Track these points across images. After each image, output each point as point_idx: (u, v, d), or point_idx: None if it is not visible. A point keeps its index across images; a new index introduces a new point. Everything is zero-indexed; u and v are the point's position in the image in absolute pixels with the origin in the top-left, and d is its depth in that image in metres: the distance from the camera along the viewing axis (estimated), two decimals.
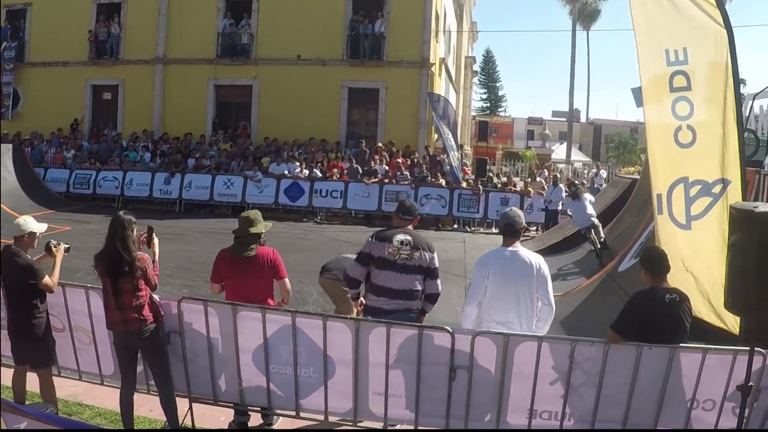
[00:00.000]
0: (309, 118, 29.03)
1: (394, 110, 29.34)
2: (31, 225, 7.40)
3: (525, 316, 6.72)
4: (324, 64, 29.69)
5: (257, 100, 30.85)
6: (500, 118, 72.54)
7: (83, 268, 13.41)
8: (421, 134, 29.28)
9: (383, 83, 29.47)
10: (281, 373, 7.01)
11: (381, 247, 7.18)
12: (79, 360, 7.94)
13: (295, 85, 29.38)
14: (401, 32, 29.16)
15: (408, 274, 7.16)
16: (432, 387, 6.52)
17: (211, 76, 31.02)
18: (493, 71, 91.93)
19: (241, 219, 7.50)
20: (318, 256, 16.78)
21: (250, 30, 30.70)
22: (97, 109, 33.24)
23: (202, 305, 7.08)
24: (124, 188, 27.40)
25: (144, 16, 31.60)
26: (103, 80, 32.80)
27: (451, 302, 13.26)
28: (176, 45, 31.26)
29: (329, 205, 25.90)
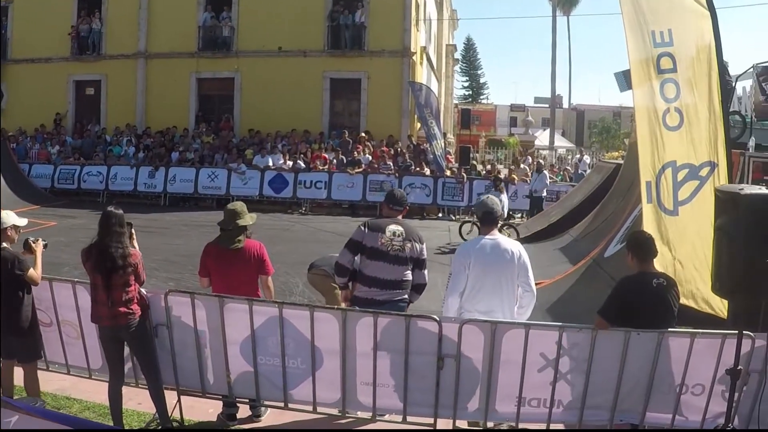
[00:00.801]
0: (291, 110, 28.99)
1: (376, 100, 29.32)
2: (12, 218, 7.31)
3: (507, 304, 6.71)
4: (305, 55, 29.65)
5: (239, 93, 30.79)
6: (482, 106, 72.68)
7: (70, 263, 13.58)
8: (404, 123, 29.24)
9: (365, 73, 29.44)
10: (269, 365, 6.96)
11: (374, 237, 7.13)
12: (67, 354, 7.90)
13: (277, 76, 29.37)
14: (382, 22, 29.11)
15: (400, 265, 7.13)
16: (420, 376, 6.50)
17: (193, 70, 30.94)
18: (474, 59, 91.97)
19: (227, 211, 7.43)
20: (303, 247, 16.79)
21: (231, 23, 30.57)
22: (81, 104, 33.16)
23: (189, 298, 7.03)
24: (109, 183, 27.34)
25: (125, 11, 31.45)
26: (86, 75, 32.63)
27: (437, 291, 12.92)
28: (158, 39, 31.13)
29: (314, 196, 25.83)
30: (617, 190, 15.99)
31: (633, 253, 6.25)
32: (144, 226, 6.29)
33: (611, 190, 16.73)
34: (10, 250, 7.25)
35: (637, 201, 11.71)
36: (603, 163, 23.62)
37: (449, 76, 53.51)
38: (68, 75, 32.69)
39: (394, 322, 6.49)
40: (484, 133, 53.85)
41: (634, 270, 6.25)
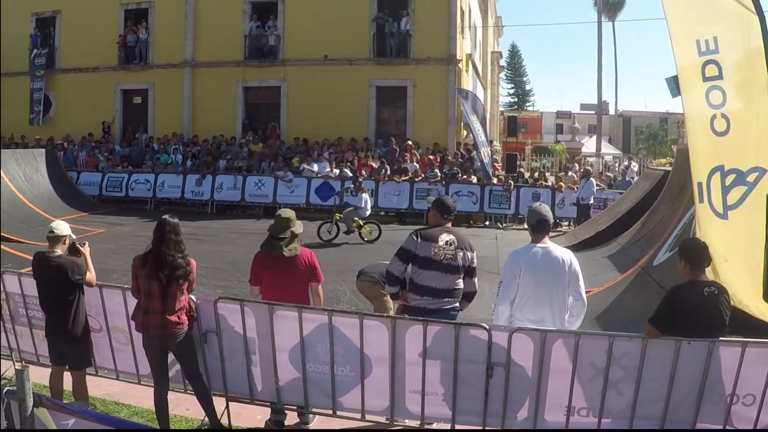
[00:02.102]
0: (338, 118, 29.12)
1: (422, 107, 29.25)
2: (64, 228, 7.50)
3: (558, 313, 6.68)
4: (351, 63, 29.76)
5: (286, 101, 30.95)
6: (528, 113, 72.60)
7: (118, 269, 14.20)
8: (450, 131, 29.17)
9: (411, 81, 29.41)
10: (318, 372, 6.99)
11: (426, 246, 7.12)
12: (116, 360, 8.04)
13: (323, 85, 29.55)
14: (427, 29, 29.10)
15: (452, 274, 7.14)
16: (469, 385, 6.47)
17: (239, 78, 31.22)
18: (519, 66, 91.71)
19: (281, 219, 7.45)
20: (351, 255, 16.87)
21: (277, 31, 30.82)
22: (128, 113, 33.64)
23: (239, 305, 7.08)
24: (156, 190, 27.74)
25: (171, 21, 31.92)
26: (133, 84, 33.17)
27: (485, 299, 12.87)
28: (204, 48, 31.59)
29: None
30: (666, 198, 15.85)
31: (686, 260, 6.18)
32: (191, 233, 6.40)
33: (659, 198, 16.57)
34: (66, 257, 7.39)
35: (686, 208, 11.68)
36: (651, 170, 23.42)
37: (495, 84, 53.19)
38: (116, 84, 33.21)
39: (443, 330, 6.47)
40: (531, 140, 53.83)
41: (685, 278, 6.16)
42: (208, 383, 7.39)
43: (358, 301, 11.44)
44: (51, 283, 7.34)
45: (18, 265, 13.39)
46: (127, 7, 33.15)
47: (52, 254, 7.36)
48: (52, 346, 7.50)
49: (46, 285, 7.40)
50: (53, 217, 20.85)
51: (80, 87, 33.12)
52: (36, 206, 23.50)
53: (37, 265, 7.43)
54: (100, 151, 30.57)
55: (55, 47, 34.32)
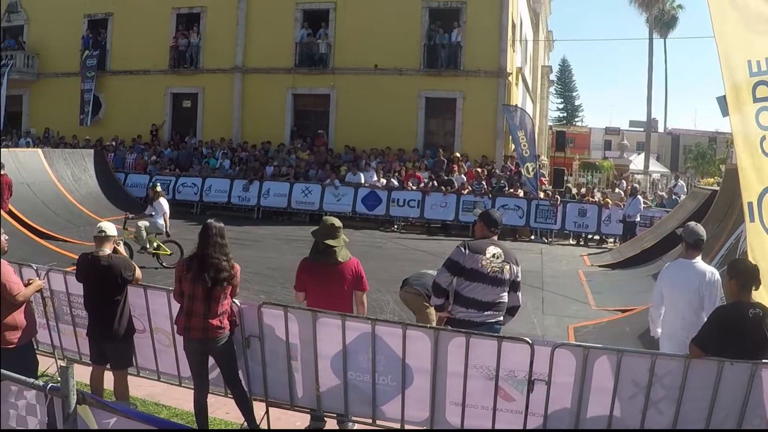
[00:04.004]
0: (386, 127, 29.59)
1: (471, 120, 29.61)
2: (113, 229, 7.79)
3: (696, 328, 6.49)
4: (401, 73, 30.18)
5: (335, 109, 31.55)
6: (577, 128, 72.39)
7: (163, 272, 15.08)
8: (498, 144, 29.48)
9: (460, 93, 29.72)
10: (359, 380, 7.12)
11: (474, 258, 7.20)
12: (158, 361, 8.32)
13: (373, 94, 30.04)
14: (478, 42, 29.40)
15: (497, 287, 7.23)
16: (510, 399, 6.55)
17: (289, 85, 31.84)
18: (569, 80, 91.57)
19: (330, 227, 7.59)
20: (395, 265, 16.89)
21: (328, 39, 31.36)
22: (177, 116, 34.48)
23: (282, 311, 7.27)
24: (203, 194, 28.31)
25: (223, 26, 32.72)
26: (183, 88, 34.03)
27: (527, 313, 13.31)
28: (255, 54, 32.29)
29: (406, 215, 26.18)
30: (712, 217, 15.71)
31: (735, 279, 6.22)
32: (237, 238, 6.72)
33: (706, 217, 16.24)
34: (118, 256, 7.72)
35: (732, 228, 11.80)
36: (698, 189, 23.29)
37: (544, 98, 53.31)
38: (166, 87, 34.09)
39: (485, 343, 6.54)
40: (578, 155, 53.82)
41: (731, 298, 6.30)
42: (249, 388, 7.60)
43: (401, 311, 11.54)
44: (100, 282, 7.53)
45: (63, 263, 13.91)
46: (179, 11, 34.02)
47: (102, 254, 7.57)
48: (94, 344, 7.71)
49: (94, 284, 7.57)
50: (99, 217, 21.41)
51: (130, 89, 34.02)
52: (83, 206, 24.16)
53: (85, 265, 7.61)
54: (148, 154, 31.28)
55: (107, 49, 35.33)
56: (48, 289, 8.80)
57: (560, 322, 13.10)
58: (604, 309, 14.15)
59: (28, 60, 36.96)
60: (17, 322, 7.16)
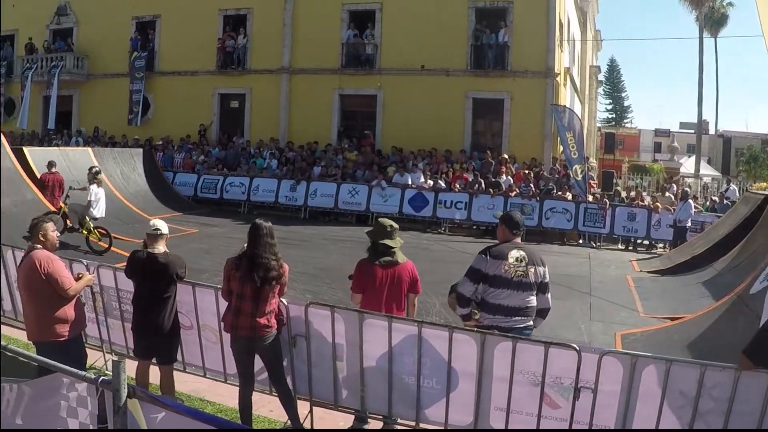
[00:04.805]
0: (433, 128, 29.71)
1: (519, 121, 29.55)
2: (165, 227, 8.02)
3: None
4: (448, 74, 30.18)
5: (381, 110, 31.74)
6: (626, 130, 72.10)
7: (210, 269, 14.98)
8: (547, 146, 29.35)
9: (508, 94, 29.61)
10: (404, 382, 7.18)
11: (496, 264, 7.19)
12: (204, 357, 8.54)
13: (419, 95, 30.16)
14: (525, 42, 29.31)
15: (524, 291, 7.18)
16: (555, 406, 6.55)
17: (336, 86, 32.10)
18: (618, 81, 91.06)
19: (387, 228, 7.69)
20: (442, 267, 16.94)
21: (374, 40, 31.53)
22: (225, 116, 34.96)
23: (329, 311, 7.37)
24: (251, 194, 28.67)
25: (269, 27, 33.13)
26: (231, 89, 34.52)
27: (575, 319, 13.41)
28: (301, 55, 32.63)
29: (453, 217, 26.07)
30: (765, 223, 15.50)
31: None
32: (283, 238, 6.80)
33: (759, 223, 16.17)
34: (172, 254, 7.98)
35: None
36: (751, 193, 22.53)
37: (593, 99, 52.92)
38: (213, 88, 34.64)
39: (532, 348, 6.54)
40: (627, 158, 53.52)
41: None
42: (294, 387, 7.71)
43: (446, 314, 11.58)
44: (154, 279, 7.71)
45: (112, 259, 14.40)
46: (226, 12, 34.53)
47: (158, 252, 7.79)
48: (140, 340, 7.93)
49: (148, 281, 7.74)
50: (148, 215, 22.44)
51: (178, 90, 34.70)
52: (132, 204, 24.66)
53: (140, 263, 7.79)
54: (196, 153, 31.79)
55: (155, 50, 36.08)
56: (98, 284, 9.09)
57: (607, 328, 13.02)
58: (653, 316, 13.98)
59: (78, 61, 37.82)
60: (67, 316, 7.33)
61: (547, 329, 9.49)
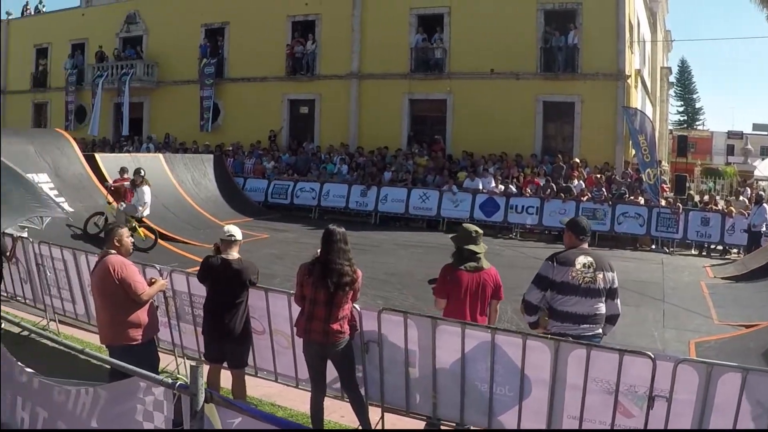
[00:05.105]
0: (503, 132, 29.71)
1: (590, 124, 29.47)
2: (239, 233, 8.17)
3: None
4: (518, 77, 30.23)
5: (451, 114, 31.88)
6: (698, 132, 71.15)
7: (281, 274, 15.42)
8: (618, 149, 29.24)
9: (578, 97, 29.60)
10: (476, 389, 7.18)
11: (563, 271, 7.18)
12: (276, 362, 8.68)
13: (489, 99, 30.25)
14: (595, 43, 29.19)
15: (592, 298, 7.16)
16: (629, 414, 6.49)
17: (405, 91, 32.42)
18: (689, 82, 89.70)
19: (472, 233, 7.76)
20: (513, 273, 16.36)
21: (443, 44, 31.68)
22: (295, 122, 35.61)
23: (402, 317, 7.47)
24: (321, 199, 29.12)
25: (338, 33, 33.64)
26: (300, 95, 35.13)
27: (648, 326, 13.38)
28: (370, 60, 33.09)
29: (524, 222, 26.06)
30: None
31: None
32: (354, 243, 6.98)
33: None
34: (246, 260, 8.19)
35: None
36: None
37: (664, 101, 52.12)
38: (283, 94, 35.29)
39: (606, 356, 6.48)
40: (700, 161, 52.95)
41: None
42: (366, 393, 7.81)
43: (518, 321, 11.49)
44: (228, 285, 7.90)
45: (183, 264, 14.62)
46: (294, 18, 35.20)
47: (232, 258, 7.99)
48: (212, 344, 8.06)
49: (221, 287, 7.93)
50: (219, 220, 23.13)
51: (248, 96, 35.51)
52: (203, 209, 25.32)
53: (214, 268, 7.98)
54: (266, 159, 32.32)
55: (224, 57, 36.96)
56: (170, 288, 9.33)
57: (681, 336, 12.94)
58: (727, 324, 13.85)
59: (148, 68, 38.95)
60: (140, 320, 7.53)
61: (619, 336, 9.57)
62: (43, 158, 20.94)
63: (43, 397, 5.05)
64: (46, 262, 11.57)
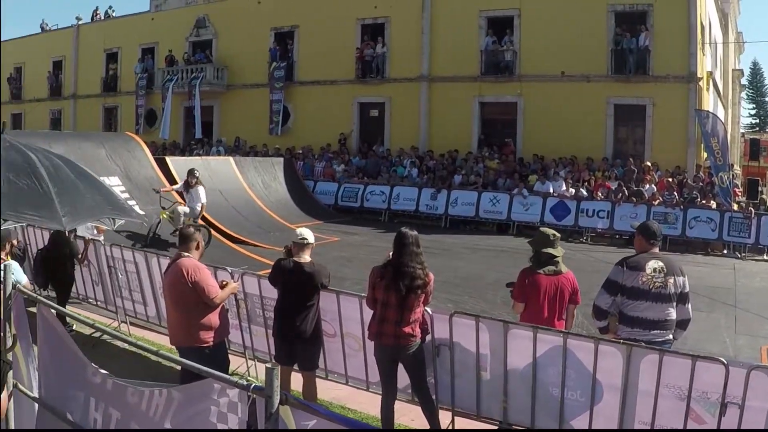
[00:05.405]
0: (573, 135, 29.88)
1: (661, 127, 29.48)
2: (311, 237, 8.27)
3: None
4: (588, 80, 30.39)
5: (522, 117, 32.14)
6: None
7: (351, 277, 15.64)
8: (690, 153, 29.17)
9: (650, 99, 29.65)
10: (547, 394, 7.19)
11: (634, 276, 7.26)
12: (347, 365, 8.77)
13: (560, 101, 30.47)
14: (666, 45, 29.27)
15: (662, 303, 7.20)
16: (700, 421, 6.45)
17: (475, 93, 32.89)
18: (761, 84, 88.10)
19: (552, 238, 7.89)
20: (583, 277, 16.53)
21: (513, 47, 31.94)
22: (365, 125, 36.21)
23: (474, 320, 7.52)
24: (391, 202, 29.60)
25: (408, 36, 34.15)
26: (370, 98, 35.75)
27: (719, 332, 13.31)
28: (440, 63, 33.50)
29: (595, 226, 26.05)
30: None
31: None
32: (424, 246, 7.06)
33: None
34: (321, 264, 8.32)
35: None
36: None
37: (735, 104, 51.69)
38: (353, 97, 35.91)
39: (679, 362, 6.45)
40: None
41: None
42: (437, 396, 7.84)
43: (589, 325, 11.47)
44: (300, 287, 8.00)
45: (254, 267, 14.93)
46: (363, 21, 35.88)
47: (304, 261, 8.10)
48: (284, 346, 8.17)
49: (293, 289, 8.04)
50: (289, 223, 23.58)
51: (318, 99, 36.22)
52: (273, 212, 25.84)
53: (286, 271, 8.09)
54: (336, 162, 32.87)
55: (294, 60, 37.74)
56: (242, 291, 9.45)
57: (753, 342, 12.85)
58: None
59: (218, 72, 39.84)
60: (212, 323, 7.68)
61: (691, 342, 9.75)
62: (114, 161, 21.52)
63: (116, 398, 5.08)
64: (117, 264, 11.93)
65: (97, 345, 10.32)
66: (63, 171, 5.94)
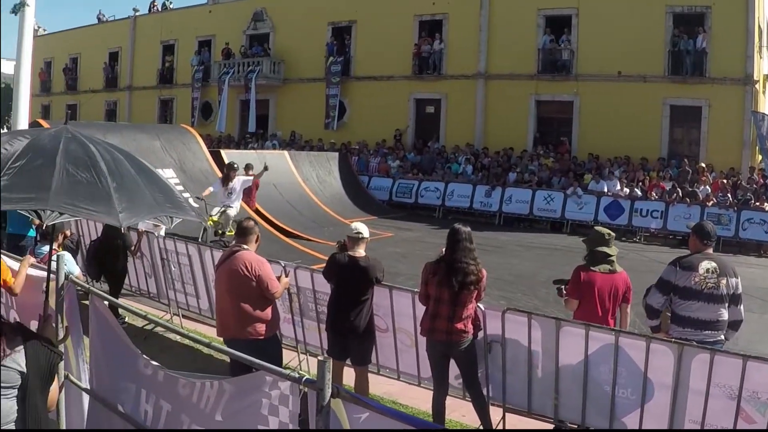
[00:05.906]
0: (629, 135, 30.33)
1: (716, 129, 29.82)
2: (366, 231, 8.32)
3: None
4: (645, 80, 30.87)
5: (578, 116, 32.84)
6: None
7: (405, 273, 15.88)
8: (745, 155, 29.50)
9: (706, 101, 30.03)
10: (598, 391, 7.27)
11: (686, 276, 7.34)
12: (399, 360, 8.87)
13: (616, 101, 30.91)
14: (723, 47, 29.52)
15: (715, 303, 7.26)
16: (750, 420, 6.49)
17: (532, 92, 33.67)
18: None
19: (606, 237, 7.96)
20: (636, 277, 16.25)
21: (570, 46, 32.65)
22: (420, 121, 37.04)
23: (526, 317, 7.60)
24: (445, 198, 30.42)
25: (465, 33, 34.92)
26: (426, 94, 36.62)
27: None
28: (497, 60, 34.27)
29: (649, 225, 26.45)
30: None
31: None
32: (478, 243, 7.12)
33: None
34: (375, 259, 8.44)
35: None
36: None
37: None
38: (409, 93, 36.81)
39: (730, 361, 6.51)
40: None
41: None
42: (488, 392, 7.95)
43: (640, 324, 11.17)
44: (354, 282, 8.09)
45: (308, 261, 15.34)
46: (421, 18, 36.69)
47: (359, 255, 8.18)
48: (337, 340, 8.25)
49: (348, 283, 8.13)
50: (343, 218, 24.37)
51: (374, 94, 37.08)
52: (327, 207, 26.51)
53: (341, 265, 8.18)
54: (391, 158, 33.74)
55: (350, 55, 38.77)
56: (295, 285, 9.60)
57: None
58: None
59: (274, 66, 40.89)
60: (266, 316, 7.76)
61: (743, 343, 9.85)
62: (169, 153, 22.18)
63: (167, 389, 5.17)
64: (171, 257, 12.09)
65: (149, 337, 10.78)
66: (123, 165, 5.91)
